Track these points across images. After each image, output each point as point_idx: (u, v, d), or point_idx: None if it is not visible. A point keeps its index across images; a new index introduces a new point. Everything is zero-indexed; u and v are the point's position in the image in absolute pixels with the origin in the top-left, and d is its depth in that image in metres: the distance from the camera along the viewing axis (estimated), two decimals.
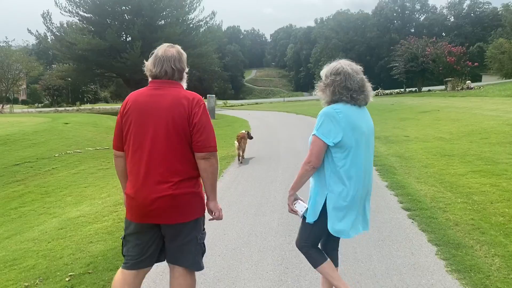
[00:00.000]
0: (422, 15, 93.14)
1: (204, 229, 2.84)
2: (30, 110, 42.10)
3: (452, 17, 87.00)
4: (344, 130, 2.63)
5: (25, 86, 62.41)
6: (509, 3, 52.99)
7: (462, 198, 5.64)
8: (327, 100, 2.77)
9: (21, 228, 6.28)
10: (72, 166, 11.05)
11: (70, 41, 36.29)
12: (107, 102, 70.18)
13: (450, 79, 30.45)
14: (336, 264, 3.02)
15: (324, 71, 2.82)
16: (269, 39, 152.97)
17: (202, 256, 2.84)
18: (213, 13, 42.91)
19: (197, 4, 41.13)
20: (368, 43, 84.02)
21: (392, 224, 4.87)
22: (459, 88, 28.62)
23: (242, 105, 52.20)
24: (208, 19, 42.60)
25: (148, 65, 2.75)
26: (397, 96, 31.20)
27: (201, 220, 2.78)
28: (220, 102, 56.27)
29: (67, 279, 3.94)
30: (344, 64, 2.74)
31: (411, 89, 36.43)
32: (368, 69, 62.31)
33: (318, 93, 2.84)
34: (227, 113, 29.32)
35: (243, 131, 9.86)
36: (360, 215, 2.83)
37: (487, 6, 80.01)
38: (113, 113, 31.77)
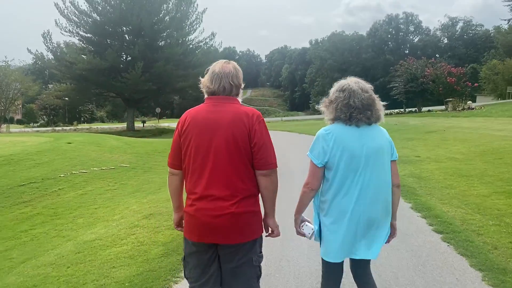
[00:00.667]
0: (416, 36, 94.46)
1: (261, 251, 2.73)
2: (26, 129, 41.86)
3: (446, 38, 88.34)
4: (332, 150, 2.60)
5: (20, 106, 62.34)
6: (500, 25, 54.01)
7: (493, 220, 5.49)
8: (330, 118, 2.74)
9: (35, 252, 6.04)
10: (78, 186, 10.82)
11: (70, 61, 36.36)
12: (103, 121, 70.28)
13: (450, 99, 30.64)
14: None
15: (332, 89, 2.81)
16: (264, 60, 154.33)
17: (258, 281, 2.71)
18: (213, 34, 43.37)
19: (197, 26, 41.55)
20: (363, 64, 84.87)
21: (428, 247, 4.70)
22: (460, 109, 28.78)
23: None
24: (208, 40, 42.97)
25: (205, 82, 2.69)
26: (397, 116, 31.27)
27: (258, 242, 2.69)
28: None
29: None
30: (351, 81, 2.73)
31: (410, 109, 36.63)
32: None
33: (322, 108, 2.81)
34: None
35: None
36: (357, 241, 2.67)
37: (480, 28, 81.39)
38: (111, 132, 31.65)
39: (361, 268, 2.85)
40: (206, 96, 2.70)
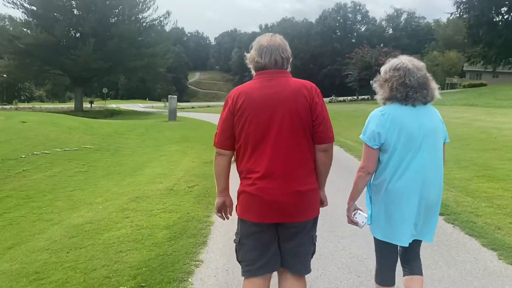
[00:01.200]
0: (363, 26, 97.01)
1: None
2: None
3: (391, 29, 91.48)
4: (389, 132, 2.54)
5: None
6: (440, 19, 56.56)
7: (484, 202, 5.76)
8: (384, 96, 2.66)
9: (19, 237, 5.62)
10: (44, 168, 10.19)
11: (13, 35, 33.94)
12: (42, 101, 66.46)
13: None
14: (419, 272, 2.84)
15: (384, 67, 2.74)
16: (213, 42, 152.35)
17: (312, 258, 2.67)
18: (168, 13, 42.05)
19: (151, 3, 40.09)
20: (312, 51, 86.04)
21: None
22: None
23: (193, 107, 51.53)
24: (162, 18, 41.65)
25: (253, 57, 2.56)
26: (352, 104, 32.11)
27: (317, 219, 2.63)
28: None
29: None
30: (404, 59, 2.66)
31: (363, 97, 37.72)
32: (312, 77, 63.71)
33: (377, 88, 2.75)
34: (188, 115, 28.68)
35: None
36: (411, 224, 2.64)
37: (422, 21, 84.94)
38: (58, 112, 29.95)
39: (413, 252, 2.82)
40: (254, 72, 2.58)
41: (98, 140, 14.62)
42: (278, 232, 2.52)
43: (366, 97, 37.19)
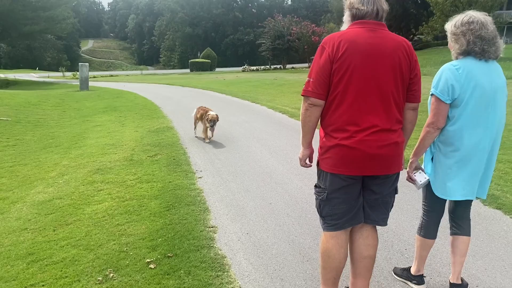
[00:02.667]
0: None
1: None
2: None
3: (290, 0, 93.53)
4: (463, 86, 2.55)
5: None
6: None
7: None
8: (460, 51, 2.63)
9: None
10: None
11: None
12: None
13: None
14: (468, 233, 2.89)
15: (452, 23, 2.68)
16: (107, 8, 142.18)
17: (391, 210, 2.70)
18: None
19: None
20: (214, 19, 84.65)
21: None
22: None
23: (95, 77, 48.24)
24: None
25: (354, 3, 2.47)
26: (267, 72, 32.58)
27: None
28: (68, 74, 51.13)
29: (152, 266, 3.33)
30: (474, 13, 2.62)
31: (276, 66, 38.42)
32: (214, 46, 62.26)
33: (451, 43, 2.69)
34: (97, 85, 26.81)
35: (213, 113, 8.08)
36: (473, 180, 2.71)
37: None
38: None
39: (465, 210, 2.90)
40: (350, 19, 2.50)
41: (12, 111, 13.12)
42: (364, 183, 2.52)
43: (278, 66, 37.93)
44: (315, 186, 2.63)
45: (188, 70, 49.83)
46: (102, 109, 14.08)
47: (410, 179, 2.84)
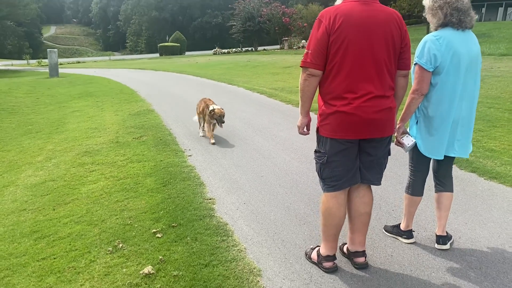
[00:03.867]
0: None
1: None
2: None
3: None
4: (443, 55, 2.78)
5: None
6: None
7: None
8: (438, 24, 2.87)
9: None
10: None
11: None
12: None
13: (286, 38, 33.14)
14: (450, 189, 3.17)
15: None
16: None
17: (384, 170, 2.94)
18: None
19: None
20: (180, 3, 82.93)
21: None
22: (295, 47, 31.43)
23: (61, 64, 46.86)
24: None
25: None
26: (239, 55, 32.49)
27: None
28: (33, 61, 49.55)
29: (158, 235, 3.51)
30: None
31: (247, 48, 38.26)
32: (182, 30, 60.65)
33: (429, 17, 2.93)
34: (67, 71, 26.20)
35: (218, 107, 6.61)
36: (455, 141, 2.98)
37: None
38: None
39: (448, 166, 3.19)
40: None
41: None
42: (361, 146, 2.75)
43: (250, 48, 37.81)
44: (315, 151, 2.85)
45: (157, 55, 49.07)
46: (77, 95, 13.89)
47: (399, 142, 3.09)
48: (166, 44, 48.72)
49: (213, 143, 6.45)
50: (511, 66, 11.42)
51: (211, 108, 6.54)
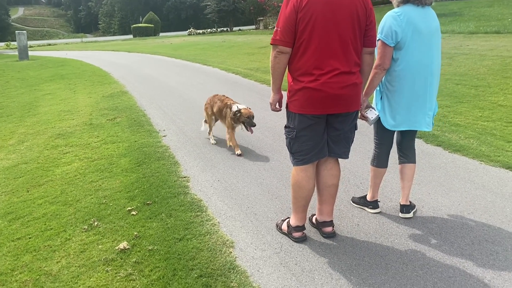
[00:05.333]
0: None
1: None
2: None
3: None
4: (404, 30, 2.88)
5: None
6: None
7: None
8: (400, 0, 2.97)
9: None
10: None
11: None
12: None
13: (261, 18, 32.90)
14: (413, 160, 3.31)
15: None
16: None
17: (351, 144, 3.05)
18: None
19: None
20: None
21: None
22: (271, 27, 31.29)
23: (31, 46, 45.50)
24: None
25: None
26: (214, 35, 32.17)
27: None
28: (1, 44, 48.01)
29: (133, 213, 3.57)
30: None
31: (222, 28, 37.90)
32: (156, 10, 59.52)
33: None
34: (39, 54, 25.50)
35: (244, 106, 5.13)
36: (417, 113, 3.09)
37: None
38: None
39: (410, 138, 3.32)
40: None
41: None
42: (328, 121, 2.85)
43: (225, 29, 37.45)
44: (285, 126, 2.94)
45: (131, 36, 48.14)
46: (49, 78, 13.62)
47: (363, 116, 3.19)
48: (139, 25, 47.83)
49: (240, 155, 4.94)
50: (479, 44, 11.71)
51: (235, 108, 4.99)
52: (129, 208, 3.67)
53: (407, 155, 3.33)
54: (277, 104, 3.01)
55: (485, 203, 3.46)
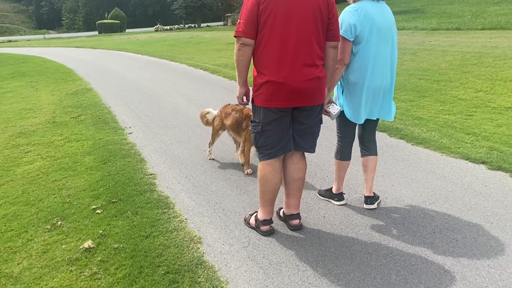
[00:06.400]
0: None
1: None
2: None
3: None
4: (362, 24, 2.94)
5: None
6: None
7: None
8: None
9: None
10: None
11: None
12: None
13: (229, 14, 32.81)
14: (375, 153, 3.39)
15: None
16: None
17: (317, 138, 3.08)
18: None
19: None
20: None
21: None
22: None
23: None
24: None
25: None
26: (182, 32, 31.83)
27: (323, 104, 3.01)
28: None
29: (98, 211, 3.50)
30: None
31: (190, 24, 37.53)
32: (122, 6, 58.34)
33: None
34: None
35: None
36: (377, 106, 3.19)
37: None
38: None
39: (371, 131, 3.39)
40: None
41: None
42: (293, 116, 2.87)
43: (193, 25, 37.12)
44: (251, 121, 2.95)
45: (96, 33, 47.03)
46: (9, 75, 13.15)
47: (325, 111, 3.20)
48: (105, 21, 46.77)
49: (249, 174, 4.22)
50: (441, 40, 12.07)
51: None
52: (94, 206, 3.60)
53: (369, 148, 3.41)
54: (244, 97, 3.00)
55: (446, 193, 3.58)
